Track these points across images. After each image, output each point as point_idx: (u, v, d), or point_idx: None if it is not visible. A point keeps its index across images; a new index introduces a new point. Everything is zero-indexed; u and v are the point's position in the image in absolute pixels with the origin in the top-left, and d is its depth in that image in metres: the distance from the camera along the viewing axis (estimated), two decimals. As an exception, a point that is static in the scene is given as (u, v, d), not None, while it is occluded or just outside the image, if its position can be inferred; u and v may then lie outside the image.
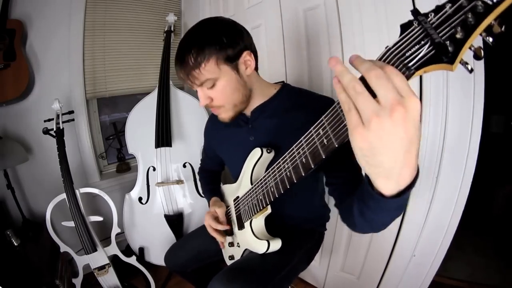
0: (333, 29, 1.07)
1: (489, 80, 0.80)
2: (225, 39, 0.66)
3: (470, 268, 1.47)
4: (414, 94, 0.31)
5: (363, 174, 0.43)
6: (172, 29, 1.64)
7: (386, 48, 0.35)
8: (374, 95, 0.32)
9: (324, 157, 0.45)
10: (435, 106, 0.88)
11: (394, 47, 0.34)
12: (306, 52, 1.20)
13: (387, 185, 0.38)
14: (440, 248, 0.97)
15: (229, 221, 0.89)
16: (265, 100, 0.78)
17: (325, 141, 0.44)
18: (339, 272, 1.31)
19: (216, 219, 0.86)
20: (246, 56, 0.70)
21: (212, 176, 1.10)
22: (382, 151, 0.33)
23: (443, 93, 0.86)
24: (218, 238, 0.87)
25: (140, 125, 1.48)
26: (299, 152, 0.52)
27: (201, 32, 0.68)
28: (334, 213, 1.09)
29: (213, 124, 0.97)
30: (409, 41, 0.33)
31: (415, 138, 0.32)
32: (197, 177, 1.46)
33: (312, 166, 0.49)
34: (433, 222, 0.96)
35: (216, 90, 0.69)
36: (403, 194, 0.38)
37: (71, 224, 1.18)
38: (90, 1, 1.55)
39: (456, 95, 0.84)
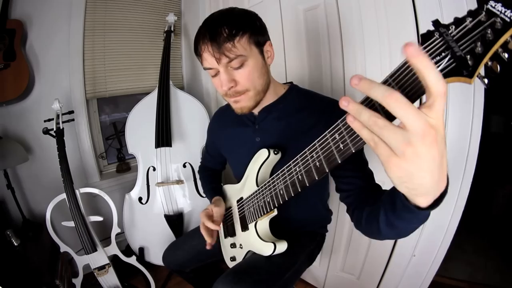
0: (333, 29, 1.07)
1: (489, 80, 0.80)
2: (258, 23, 0.68)
3: (470, 268, 1.47)
4: (440, 109, 0.31)
5: (394, 189, 0.42)
6: (172, 29, 1.64)
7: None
8: (390, 116, 0.32)
9: (340, 162, 0.45)
10: (435, 106, 0.87)
11: None
12: (306, 52, 1.20)
13: (425, 200, 0.38)
14: (440, 248, 0.97)
15: (230, 222, 0.89)
16: (274, 100, 0.78)
17: (341, 146, 0.43)
18: (339, 272, 1.31)
19: (210, 217, 0.84)
20: (268, 47, 0.71)
21: (213, 174, 1.09)
22: (420, 175, 0.33)
23: (443, 93, 0.86)
24: (207, 238, 0.84)
25: (140, 125, 1.48)
26: (312, 156, 0.51)
27: (235, 13, 0.67)
28: (335, 214, 1.09)
29: (218, 123, 0.96)
30: (430, 52, 0.33)
31: (445, 151, 0.33)
32: (197, 176, 1.46)
33: (327, 170, 0.49)
34: (433, 222, 0.96)
35: (244, 71, 0.66)
36: (439, 202, 0.39)
37: (71, 224, 1.18)
38: (90, 1, 1.55)
39: (456, 95, 0.84)
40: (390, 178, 0.35)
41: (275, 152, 0.74)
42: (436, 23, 0.33)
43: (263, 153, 0.74)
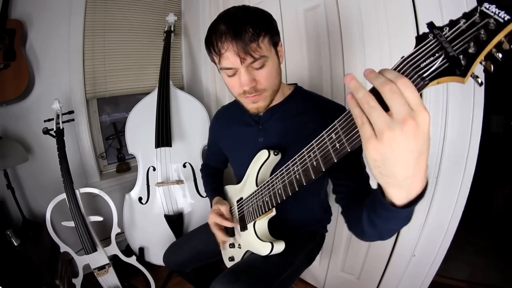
0: (333, 29, 1.07)
1: (489, 80, 0.80)
2: (275, 24, 0.68)
3: (470, 268, 1.47)
4: (425, 108, 0.32)
5: (376, 184, 0.43)
6: (172, 29, 1.64)
7: (401, 58, 0.36)
8: (386, 109, 0.34)
9: (336, 161, 0.46)
10: (435, 106, 0.87)
11: (410, 58, 0.35)
12: (306, 52, 1.20)
13: (398, 195, 0.39)
14: (440, 248, 0.97)
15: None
16: (279, 101, 0.79)
17: (337, 145, 0.44)
18: (339, 272, 1.31)
19: (221, 216, 0.84)
20: (280, 47, 0.71)
21: (215, 174, 1.09)
22: (394, 162, 0.34)
23: (443, 93, 0.86)
24: (221, 237, 0.84)
25: (140, 125, 1.48)
26: (309, 155, 0.52)
27: (253, 12, 0.66)
28: (335, 214, 1.09)
29: (221, 122, 0.96)
30: (424, 52, 0.34)
31: (425, 150, 0.34)
32: (197, 176, 1.46)
33: (323, 170, 0.49)
34: (433, 222, 0.96)
35: (264, 71, 0.66)
36: (413, 204, 0.40)
37: (71, 224, 1.18)
38: (90, 1, 1.55)
39: (456, 95, 0.84)
40: (367, 160, 0.38)
41: (275, 153, 0.74)
42: (430, 25, 0.34)
43: (263, 154, 0.75)
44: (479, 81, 0.33)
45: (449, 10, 0.78)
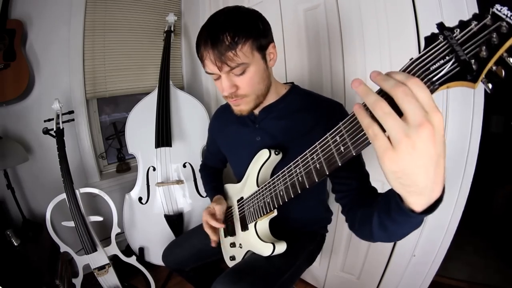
0: (333, 29, 1.07)
1: (493, 86, 0.80)
2: (261, 26, 0.66)
3: (470, 268, 1.47)
4: (438, 109, 0.31)
5: (391, 189, 0.42)
6: (172, 29, 1.65)
7: (410, 60, 0.35)
8: (398, 113, 0.32)
9: (340, 164, 0.44)
10: (435, 106, 0.88)
11: (419, 60, 0.34)
12: (306, 52, 1.20)
13: (419, 201, 0.37)
14: (440, 248, 0.97)
15: (230, 221, 0.89)
16: (275, 100, 0.78)
17: (342, 148, 0.43)
18: (339, 272, 1.31)
19: (213, 215, 0.85)
20: (271, 49, 0.70)
21: (214, 173, 1.09)
22: (415, 171, 0.33)
23: (443, 93, 0.86)
24: (211, 235, 0.86)
25: (140, 125, 1.48)
26: (313, 158, 0.51)
27: (237, 16, 0.64)
28: (335, 214, 1.09)
29: (219, 121, 0.97)
30: (434, 55, 0.33)
31: (443, 153, 0.33)
32: (197, 176, 1.46)
33: (327, 173, 0.48)
34: (433, 222, 0.96)
35: (245, 78, 0.66)
36: (433, 209, 0.38)
37: (71, 224, 1.18)
38: (90, 1, 1.55)
39: (456, 95, 0.84)
40: (385, 173, 0.35)
41: (276, 153, 0.74)
42: (440, 25, 0.32)
43: (264, 154, 0.74)
44: (490, 87, 0.31)
45: (449, 10, 0.78)
